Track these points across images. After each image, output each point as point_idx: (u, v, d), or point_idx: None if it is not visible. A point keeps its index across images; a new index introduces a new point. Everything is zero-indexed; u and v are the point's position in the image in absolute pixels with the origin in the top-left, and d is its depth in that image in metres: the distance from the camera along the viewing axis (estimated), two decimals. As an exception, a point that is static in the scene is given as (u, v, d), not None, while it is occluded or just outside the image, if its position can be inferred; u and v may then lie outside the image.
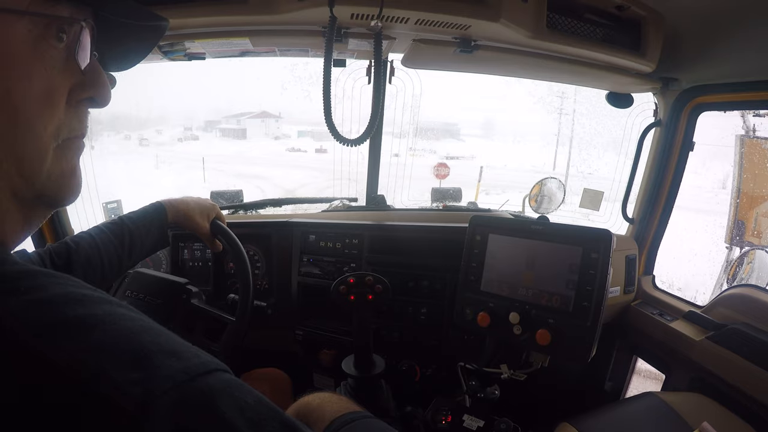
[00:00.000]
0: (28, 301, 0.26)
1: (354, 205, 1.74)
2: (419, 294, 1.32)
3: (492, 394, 1.15)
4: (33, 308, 0.26)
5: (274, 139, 39.61)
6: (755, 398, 1.10)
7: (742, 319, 1.24)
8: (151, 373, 0.25)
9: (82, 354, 0.25)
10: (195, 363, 0.28)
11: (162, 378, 0.25)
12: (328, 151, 29.54)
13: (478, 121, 54.15)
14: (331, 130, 0.92)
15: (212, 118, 47.69)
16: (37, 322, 0.25)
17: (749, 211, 2.70)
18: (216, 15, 0.91)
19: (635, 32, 1.12)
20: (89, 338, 0.26)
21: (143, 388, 0.24)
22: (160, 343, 0.28)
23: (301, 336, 1.44)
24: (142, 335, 0.28)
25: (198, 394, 0.26)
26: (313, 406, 0.66)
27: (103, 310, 0.28)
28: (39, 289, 0.27)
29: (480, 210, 1.68)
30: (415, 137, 2.66)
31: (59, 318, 0.26)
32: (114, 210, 1.57)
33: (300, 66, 19.17)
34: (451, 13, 0.90)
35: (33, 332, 0.24)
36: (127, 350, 0.26)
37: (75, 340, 0.25)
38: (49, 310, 0.26)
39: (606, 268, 0.97)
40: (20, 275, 0.28)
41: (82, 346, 0.25)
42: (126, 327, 0.28)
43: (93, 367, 0.24)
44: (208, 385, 0.27)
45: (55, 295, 0.27)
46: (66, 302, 0.27)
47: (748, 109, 2.04)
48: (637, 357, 1.61)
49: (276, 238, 1.46)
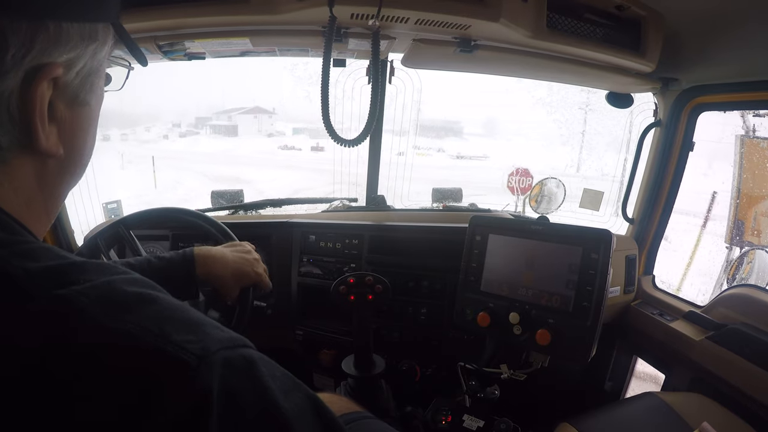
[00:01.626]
0: (92, 286, 0.29)
1: (354, 205, 1.74)
2: (419, 294, 1.32)
3: (492, 394, 1.15)
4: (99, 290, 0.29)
5: (268, 136, 37.41)
6: (755, 398, 1.10)
7: (742, 319, 1.24)
8: (204, 337, 0.30)
9: (146, 321, 0.28)
10: (235, 336, 0.32)
11: (213, 341, 0.30)
12: (326, 149, 26.38)
13: (481, 118, 52.58)
14: (329, 130, 0.92)
15: (204, 114, 45.30)
16: (102, 300, 0.29)
17: (748, 209, 2.70)
18: (216, 15, 0.91)
19: (635, 32, 1.12)
20: (150, 309, 0.30)
21: (199, 347, 0.29)
22: (205, 318, 0.33)
23: (301, 336, 1.44)
24: (190, 311, 0.32)
25: (240, 359, 0.31)
26: None
27: (154, 288, 0.33)
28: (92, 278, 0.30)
29: (480, 210, 1.68)
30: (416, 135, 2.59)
31: (119, 297, 0.30)
32: (114, 210, 1.57)
33: (300, 66, 18.41)
34: (451, 12, 0.90)
35: (100, 309, 0.28)
36: (183, 319, 0.31)
37: (138, 312, 0.29)
38: (109, 291, 0.30)
39: (606, 268, 0.97)
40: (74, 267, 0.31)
41: (144, 316, 0.29)
42: (176, 303, 0.32)
43: (157, 330, 0.28)
44: (248, 353, 0.32)
45: (110, 279, 0.31)
46: (122, 283, 0.31)
47: (748, 109, 2.05)
48: (637, 357, 1.61)
49: (276, 238, 1.46)
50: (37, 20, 0.29)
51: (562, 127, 16.08)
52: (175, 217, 1.17)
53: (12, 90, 0.30)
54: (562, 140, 17.35)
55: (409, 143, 2.58)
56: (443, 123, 40.49)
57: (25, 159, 0.33)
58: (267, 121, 41.88)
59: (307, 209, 1.74)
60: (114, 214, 1.55)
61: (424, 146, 28.71)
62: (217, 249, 0.88)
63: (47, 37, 0.30)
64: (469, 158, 24.66)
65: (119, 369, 0.26)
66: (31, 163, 0.33)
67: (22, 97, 0.30)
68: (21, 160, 0.32)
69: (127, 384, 0.26)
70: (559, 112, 15.56)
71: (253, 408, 0.30)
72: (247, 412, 0.30)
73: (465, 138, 37.61)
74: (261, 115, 41.96)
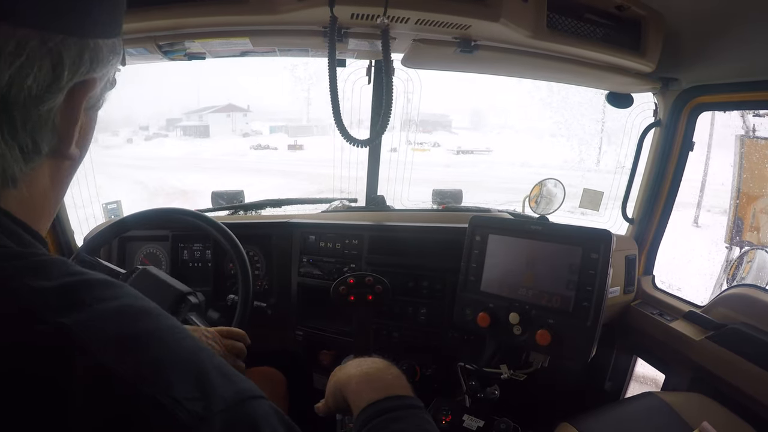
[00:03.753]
0: (95, 313, 0.28)
1: (354, 205, 1.74)
2: (419, 294, 1.32)
3: (492, 394, 1.15)
4: (100, 320, 0.27)
5: (243, 136, 34.13)
6: (755, 398, 1.10)
7: (742, 319, 1.24)
8: (209, 392, 0.28)
9: (148, 367, 0.27)
10: (243, 387, 0.30)
11: (218, 398, 0.28)
12: (305, 147, 24.04)
13: (467, 110, 51.08)
14: (341, 130, 0.91)
15: (176, 116, 41.73)
16: (105, 334, 0.27)
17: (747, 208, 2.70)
18: (216, 15, 0.91)
19: (635, 32, 1.12)
20: (155, 353, 0.28)
21: (202, 404, 0.27)
22: (215, 364, 0.30)
23: (301, 336, 1.44)
24: (200, 354, 0.30)
25: (244, 418, 0.29)
26: (353, 388, 0.60)
27: (164, 324, 0.30)
28: (104, 300, 0.29)
29: (480, 210, 1.68)
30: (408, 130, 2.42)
31: (125, 332, 0.28)
32: (114, 211, 1.57)
33: (300, 67, 17.99)
34: (452, 13, 0.90)
35: (101, 345, 0.26)
36: (188, 368, 0.28)
37: (141, 354, 0.27)
38: (116, 322, 0.28)
39: (606, 268, 0.97)
40: (85, 285, 0.30)
41: (147, 360, 0.27)
42: (185, 345, 0.30)
43: (158, 380, 0.26)
44: (252, 410, 0.30)
45: (120, 306, 0.29)
46: (132, 315, 0.29)
47: (748, 109, 2.05)
48: (637, 357, 1.61)
49: (276, 238, 1.46)
50: (83, 39, 0.31)
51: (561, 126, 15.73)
52: (175, 217, 1.17)
53: (59, 104, 0.31)
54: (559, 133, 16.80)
55: (402, 139, 2.45)
56: (431, 116, 38.98)
57: (46, 163, 0.34)
58: (241, 120, 38.81)
59: (307, 209, 1.74)
60: (114, 215, 1.55)
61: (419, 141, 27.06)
62: None
63: (90, 54, 0.32)
64: (471, 152, 22.66)
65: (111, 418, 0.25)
66: (49, 166, 0.34)
67: (65, 111, 0.32)
68: (43, 165, 0.33)
69: (115, 428, 0.25)
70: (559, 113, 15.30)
71: None
72: None
73: (454, 131, 36.17)
74: (235, 113, 38.87)
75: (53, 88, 0.30)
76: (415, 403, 0.58)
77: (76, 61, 0.31)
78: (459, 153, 22.78)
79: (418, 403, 0.58)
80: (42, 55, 0.28)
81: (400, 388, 0.60)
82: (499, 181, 10.56)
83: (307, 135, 30.79)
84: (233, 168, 16.20)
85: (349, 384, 0.61)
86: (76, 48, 0.30)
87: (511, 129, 36.89)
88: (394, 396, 0.57)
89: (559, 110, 15.44)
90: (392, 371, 0.63)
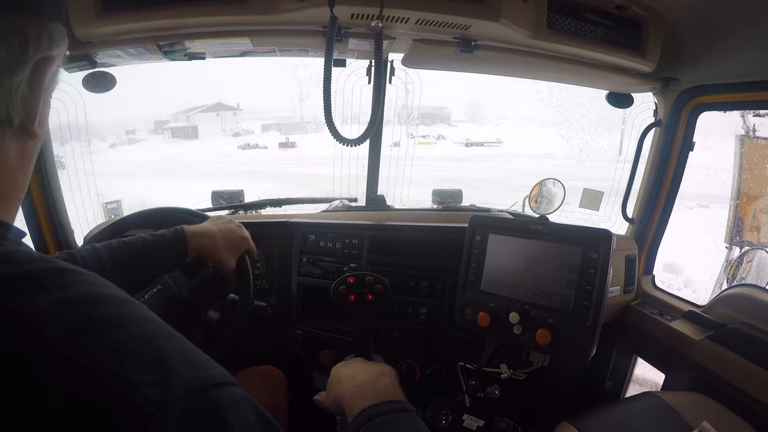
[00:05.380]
0: (56, 299, 0.28)
1: (354, 205, 1.74)
2: (419, 294, 1.32)
3: (492, 393, 1.15)
4: (60, 307, 0.28)
5: (233, 135, 32.31)
6: (755, 398, 1.10)
7: (742, 319, 1.25)
8: (167, 377, 0.28)
9: (105, 355, 0.27)
10: (208, 374, 0.30)
11: (177, 383, 0.28)
12: (298, 145, 22.67)
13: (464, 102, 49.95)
14: (331, 130, 0.92)
15: (165, 117, 39.32)
16: (64, 321, 0.27)
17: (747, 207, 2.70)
18: (216, 15, 0.91)
19: (635, 32, 1.12)
20: (113, 339, 0.28)
21: (159, 390, 0.27)
22: (177, 350, 0.30)
23: (301, 336, 1.44)
24: (161, 340, 0.30)
25: (207, 405, 0.28)
26: (347, 400, 0.65)
27: (127, 312, 0.31)
28: (67, 286, 0.29)
29: (480, 210, 1.68)
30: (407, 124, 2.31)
31: (85, 318, 0.28)
32: (114, 210, 1.57)
33: (300, 68, 17.71)
34: (451, 13, 0.90)
35: (60, 332, 0.26)
36: (147, 354, 0.28)
37: (99, 341, 0.27)
38: (76, 309, 0.28)
39: (606, 267, 0.97)
40: (49, 272, 0.30)
41: (105, 347, 0.27)
42: (148, 331, 0.30)
43: (115, 367, 0.26)
44: (217, 397, 0.29)
45: (82, 294, 0.30)
46: (92, 302, 0.29)
47: (748, 109, 2.04)
48: (637, 357, 1.61)
49: (276, 238, 1.46)
50: (43, 20, 0.34)
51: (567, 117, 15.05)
52: (175, 216, 1.17)
53: (24, 78, 0.34)
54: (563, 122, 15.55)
55: (403, 132, 2.33)
56: (430, 109, 38.17)
57: (13, 140, 0.35)
58: (231, 119, 37.18)
59: (307, 209, 1.74)
60: (114, 214, 1.55)
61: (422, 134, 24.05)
62: (202, 224, 0.92)
63: (49, 34, 0.35)
64: (481, 145, 21.36)
65: (67, 407, 0.25)
66: (15, 144, 0.36)
67: (30, 85, 0.34)
68: (11, 141, 0.35)
69: (73, 412, 0.25)
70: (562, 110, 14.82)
71: None
72: None
73: (453, 124, 35.36)
74: (224, 112, 37.19)
75: (22, 60, 0.33)
76: (407, 406, 0.61)
77: (37, 39, 0.34)
78: (469, 145, 21.40)
79: (409, 407, 0.61)
80: (10, 30, 0.32)
81: (391, 395, 0.64)
82: (523, 177, 8.55)
83: (300, 132, 30.04)
84: (212, 172, 15.07)
85: (344, 397, 0.65)
86: (36, 28, 0.34)
87: (509, 120, 36.07)
88: (385, 401, 0.61)
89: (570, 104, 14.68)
90: (383, 381, 0.68)
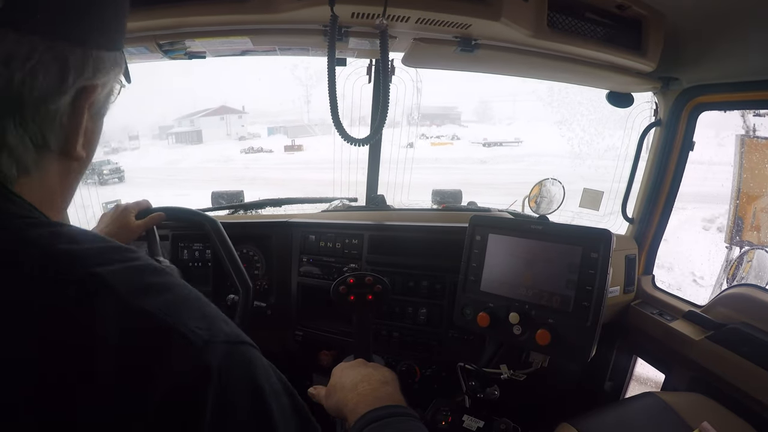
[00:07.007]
0: (121, 268, 0.35)
1: (354, 205, 1.74)
2: (419, 294, 1.32)
3: (492, 394, 1.15)
4: (125, 273, 0.34)
5: (239, 139, 31.40)
6: (755, 398, 1.10)
7: (741, 319, 1.24)
8: (211, 326, 0.35)
9: (163, 306, 0.34)
10: (241, 334, 0.38)
11: (220, 333, 0.35)
12: (305, 148, 21.93)
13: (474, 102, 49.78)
14: (339, 129, 0.91)
15: (167, 122, 38.92)
16: (129, 283, 0.34)
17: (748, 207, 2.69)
18: (216, 14, 0.91)
19: (636, 31, 1.12)
20: (167, 299, 0.35)
21: (207, 333, 0.34)
22: (216, 312, 0.38)
23: (301, 336, 1.44)
24: (203, 302, 0.38)
25: (240, 353, 0.36)
26: (350, 408, 0.66)
27: (174, 281, 0.38)
28: (126, 261, 0.36)
29: (480, 210, 1.67)
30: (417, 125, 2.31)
31: (144, 283, 0.35)
32: (113, 210, 1.56)
33: (300, 68, 17.61)
34: (452, 12, 0.90)
35: (126, 290, 0.33)
36: (195, 310, 0.36)
37: (157, 299, 0.34)
38: (137, 276, 0.35)
39: (606, 267, 0.97)
40: (112, 249, 0.37)
41: (162, 303, 0.34)
42: (194, 295, 0.38)
43: (173, 314, 0.34)
44: (248, 351, 0.37)
45: (139, 266, 0.36)
46: (148, 272, 0.36)
47: (748, 108, 2.04)
48: (637, 357, 1.61)
49: (276, 238, 1.46)
50: (87, 48, 0.36)
51: None
52: (176, 216, 1.17)
53: (65, 105, 0.36)
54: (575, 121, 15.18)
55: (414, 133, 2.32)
56: (440, 110, 37.49)
57: (55, 161, 0.38)
58: (236, 123, 36.21)
59: (307, 209, 1.74)
60: (113, 214, 1.54)
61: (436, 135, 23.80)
62: None
63: (93, 63, 0.37)
64: (500, 144, 20.63)
65: (136, 335, 0.31)
66: (57, 165, 0.38)
67: (71, 112, 0.36)
68: (53, 162, 0.38)
69: (141, 346, 0.31)
70: None
71: (243, 402, 0.34)
72: (238, 407, 0.34)
73: (464, 124, 34.93)
74: (229, 115, 36.12)
75: (60, 90, 0.34)
76: (408, 411, 0.63)
77: (80, 68, 0.35)
78: (488, 145, 20.66)
79: (412, 412, 0.63)
80: (50, 59, 0.33)
81: (394, 401, 0.65)
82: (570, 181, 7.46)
83: (307, 135, 29.88)
84: (210, 179, 14.23)
85: (347, 405, 0.67)
86: (80, 56, 0.35)
87: (520, 120, 35.64)
88: (386, 406, 0.63)
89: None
90: (386, 389, 0.69)
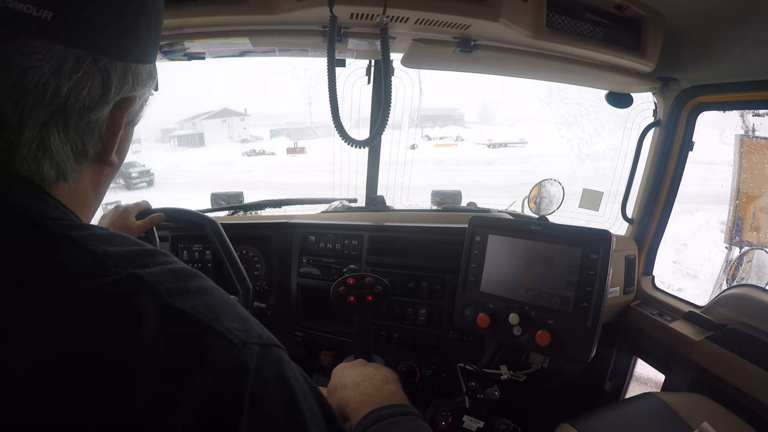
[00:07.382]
0: (161, 270, 0.35)
1: (353, 206, 1.74)
2: (419, 295, 1.32)
3: (492, 395, 1.15)
4: (164, 275, 0.35)
5: (241, 142, 31.38)
6: (755, 398, 1.10)
7: (741, 320, 1.24)
8: (247, 328, 0.36)
9: (201, 307, 0.35)
10: (271, 336, 0.39)
11: (254, 334, 0.37)
12: (307, 150, 21.92)
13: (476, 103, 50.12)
14: (339, 131, 0.91)
15: (170, 125, 38.38)
16: (168, 284, 0.34)
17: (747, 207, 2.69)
18: (215, 15, 0.91)
19: (635, 32, 1.12)
20: (205, 301, 0.36)
21: (243, 333, 0.35)
22: (248, 315, 0.39)
23: (301, 337, 1.44)
24: (237, 306, 0.39)
25: (272, 355, 0.37)
26: (352, 407, 0.66)
27: (208, 284, 0.39)
28: (163, 263, 0.37)
29: (479, 210, 1.67)
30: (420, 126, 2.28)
31: (182, 285, 0.36)
32: (113, 210, 1.56)
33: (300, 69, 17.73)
34: (451, 12, 0.89)
35: (165, 290, 0.34)
36: (231, 312, 0.37)
37: (195, 301, 0.35)
38: (174, 278, 0.36)
39: (606, 268, 0.97)
40: (147, 253, 0.37)
41: (200, 304, 0.35)
42: (228, 299, 0.39)
43: (211, 315, 0.34)
44: (279, 352, 0.38)
45: (176, 269, 0.37)
46: (185, 275, 0.37)
47: (748, 108, 2.04)
48: (637, 357, 1.61)
49: (275, 239, 1.46)
50: (127, 62, 0.38)
51: None
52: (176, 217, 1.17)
53: (105, 115, 0.38)
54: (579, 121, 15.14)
55: (417, 135, 2.33)
56: (442, 111, 37.37)
57: (89, 166, 0.40)
58: (239, 125, 36.32)
59: (307, 210, 1.74)
60: (113, 215, 1.54)
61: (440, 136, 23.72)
62: None
63: (132, 76, 0.39)
64: (505, 145, 20.29)
65: (176, 334, 0.32)
66: (91, 170, 0.40)
67: (110, 122, 0.39)
68: (88, 167, 0.40)
69: (181, 344, 0.32)
70: None
71: (277, 401, 0.35)
72: (273, 404, 0.35)
73: (466, 126, 34.77)
74: (231, 118, 36.23)
75: (102, 101, 0.37)
76: (411, 410, 0.63)
77: (121, 80, 0.37)
78: (493, 146, 20.29)
79: (415, 411, 0.62)
80: (94, 72, 0.35)
81: (397, 400, 0.65)
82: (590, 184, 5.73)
83: (310, 137, 29.78)
84: (207, 183, 13.67)
85: (349, 404, 0.67)
86: (121, 69, 0.37)
87: (522, 121, 35.43)
88: (391, 405, 0.63)
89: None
90: (389, 388, 0.69)
